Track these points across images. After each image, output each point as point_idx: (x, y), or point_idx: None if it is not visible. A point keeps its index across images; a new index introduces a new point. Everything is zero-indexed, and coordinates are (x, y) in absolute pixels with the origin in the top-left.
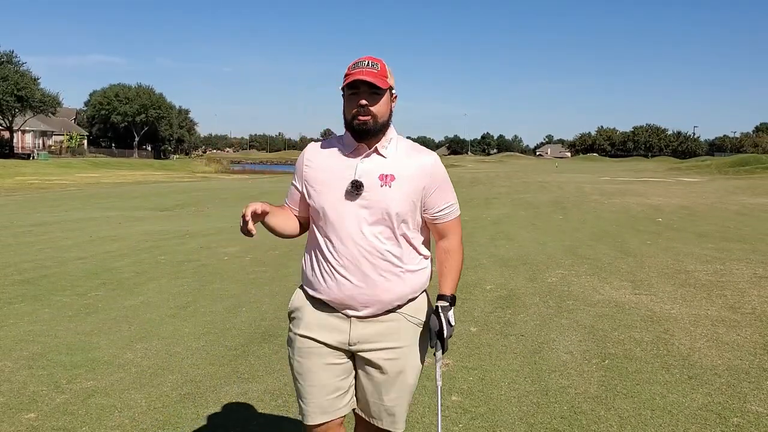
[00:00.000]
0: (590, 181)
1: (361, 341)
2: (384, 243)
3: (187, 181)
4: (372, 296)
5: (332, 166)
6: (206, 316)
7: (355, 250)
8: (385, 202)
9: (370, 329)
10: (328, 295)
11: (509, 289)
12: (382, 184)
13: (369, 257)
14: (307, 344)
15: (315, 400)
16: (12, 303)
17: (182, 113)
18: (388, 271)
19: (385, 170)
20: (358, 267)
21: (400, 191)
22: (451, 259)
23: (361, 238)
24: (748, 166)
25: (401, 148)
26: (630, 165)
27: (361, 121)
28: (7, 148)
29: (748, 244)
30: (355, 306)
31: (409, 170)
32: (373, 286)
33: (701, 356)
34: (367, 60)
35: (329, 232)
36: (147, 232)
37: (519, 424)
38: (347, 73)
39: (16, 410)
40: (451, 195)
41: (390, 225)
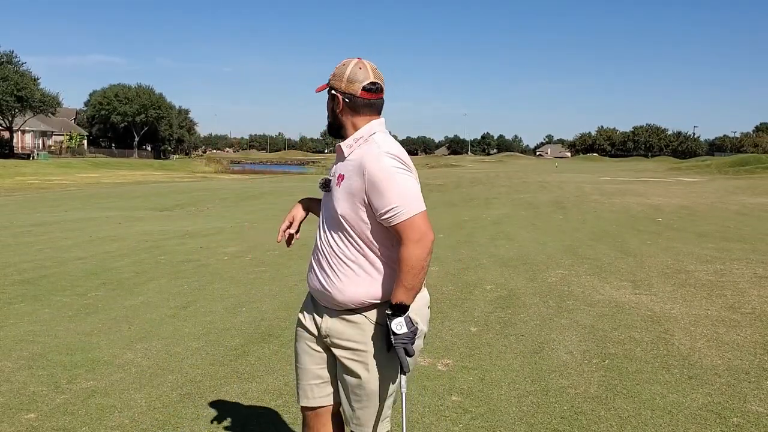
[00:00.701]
0: (590, 181)
1: (330, 335)
2: (338, 243)
3: (187, 181)
4: (327, 293)
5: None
6: (206, 316)
7: (320, 245)
8: (333, 203)
9: (338, 325)
10: (308, 284)
11: (509, 289)
12: (336, 183)
13: (327, 255)
14: (299, 328)
15: (301, 382)
16: (12, 303)
17: (182, 113)
18: (341, 272)
19: (342, 170)
20: (319, 263)
21: (344, 192)
22: (399, 267)
23: (323, 235)
24: (748, 166)
25: (361, 148)
26: (630, 165)
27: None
28: (7, 148)
29: (748, 244)
30: (321, 298)
31: (353, 171)
32: (330, 284)
33: (701, 356)
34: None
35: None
36: (147, 232)
37: (519, 424)
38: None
39: (16, 410)
40: (393, 197)
41: (340, 225)
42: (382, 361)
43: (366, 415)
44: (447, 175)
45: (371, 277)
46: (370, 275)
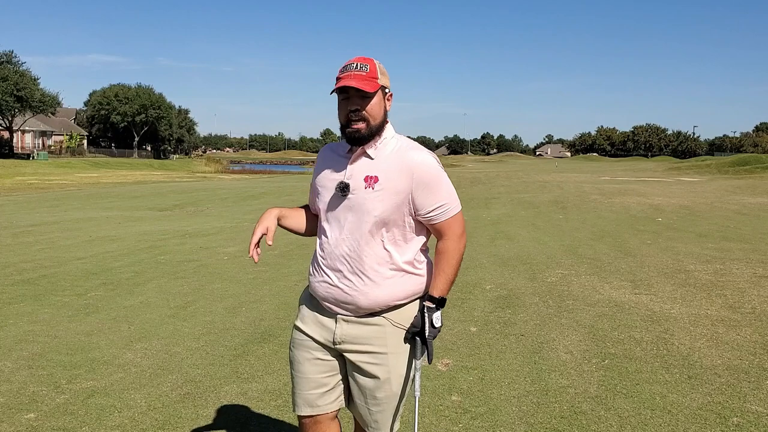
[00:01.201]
0: (590, 181)
1: (345, 341)
2: (364, 246)
3: (187, 181)
4: (350, 298)
5: (330, 167)
6: (206, 316)
7: (338, 251)
8: (367, 204)
9: (355, 330)
10: (316, 292)
11: (509, 288)
12: (366, 186)
13: (348, 259)
14: (299, 337)
15: (301, 391)
16: (12, 303)
17: (182, 113)
18: (367, 277)
19: (371, 172)
20: (338, 268)
21: (382, 193)
22: (443, 261)
23: (344, 239)
24: (748, 166)
25: (393, 149)
26: (630, 165)
27: (354, 129)
28: (6, 148)
29: (748, 243)
30: (337, 305)
31: (394, 171)
32: (352, 289)
33: (701, 356)
34: (356, 62)
35: (322, 232)
36: (146, 232)
37: (519, 424)
38: (337, 76)
39: (16, 410)
40: (443, 195)
41: (371, 228)
42: (400, 362)
43: (385, 417)
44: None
45: (399, 279)
46: (397, 277)
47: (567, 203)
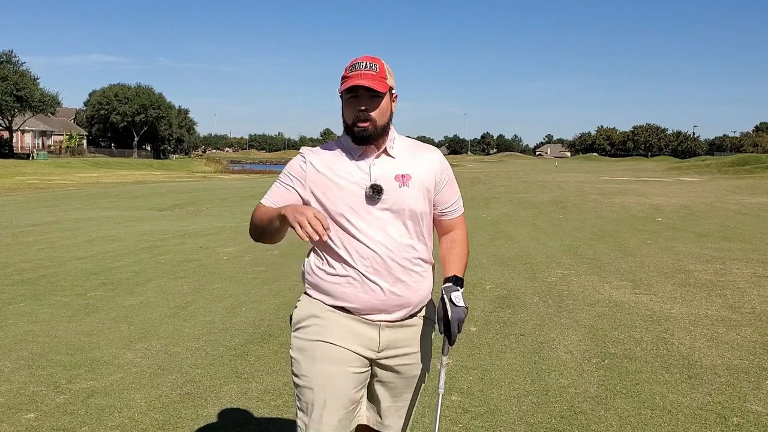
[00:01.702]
0: (590, 181)
1: (388, 347)
2: (409, 244)
3: (187, 180)
4: (404, 299)
5: (343, 170)
6: (206, 316)
7: (384, 254)
8: (407, 202)
9: (398, 334)
10: (357, 302)
11: (509, 288)
12: (401, 184)
13: (398, 260)
14: (331, 351)
15: (332, 413)
16: (12, 303)
17: (182, 113)
18: (415, 272)
19: (400, 170)
20: (389, 271)
21: (418, 190)
22: (459, 247)
23: (389, 241)
24: (748, 166)
25: (406, 147)
26: (630, 164)
27: (361, 128)
28: (6, 148)
29: (748, 243)
30: (387, 310)
31: (422, 168)
32: (405, 288)
33: (701, 356)
34: (364, 61)
35: (351, 238)
36: (146, 232)
37: (519, 424)
38: (345, 75)
39: (16, 410)
40: (457, 191)
41: (413, 226)
42: (428, 356)
43: (408, 414)
44: None
45: (429, 273)
46: (429, 271)
47: (567, 203)
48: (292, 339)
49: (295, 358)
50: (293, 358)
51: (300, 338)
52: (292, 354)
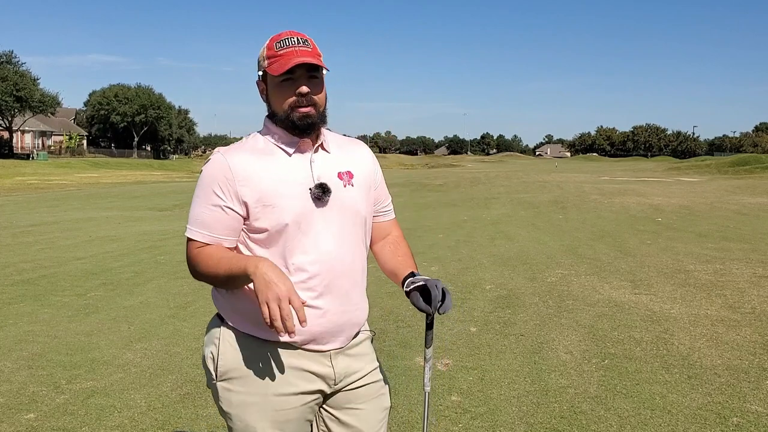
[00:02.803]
0: (590, 181)
1: (345, 375)
2: (356, 253)
3: (187, 181)
4: (354, 318)
5: (279, 171)
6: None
7: (333, 268)
8: (354, 204)
9: (349, 358)
10: (305, 333)
11: (509, 288)
12: (345, 183)
13: (348, 273)
14: (300, 402)
15: None
16: (12, 303)
17: (182, 113)
18: (360, 286)
19: (340, 167)
20: (339, 288)
21: (362, 189)
22: (404, 246)
23: (337, 251)
24: (748, 166)
25: (333, 140)
26: (630, 165)
27: (303, 113)
28: (6, 149)
29: (748, 243)
30: (338, 335)
31: (360, 164)
32: (354, 306)
33: (701, 356)
34: (295, 36)
35: (293, 254)
36: (146, 232)
37: (519, 424)
38: (273, 55)
39: (16, 410)
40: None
41: (359, 231)
42: (382, 370)
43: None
44: (447, 175)
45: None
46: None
47: (567, 203)
48: (222, 391)
49: (236, 416)
50: (230, 414)
51: (237, 392)
52: (226, 409)
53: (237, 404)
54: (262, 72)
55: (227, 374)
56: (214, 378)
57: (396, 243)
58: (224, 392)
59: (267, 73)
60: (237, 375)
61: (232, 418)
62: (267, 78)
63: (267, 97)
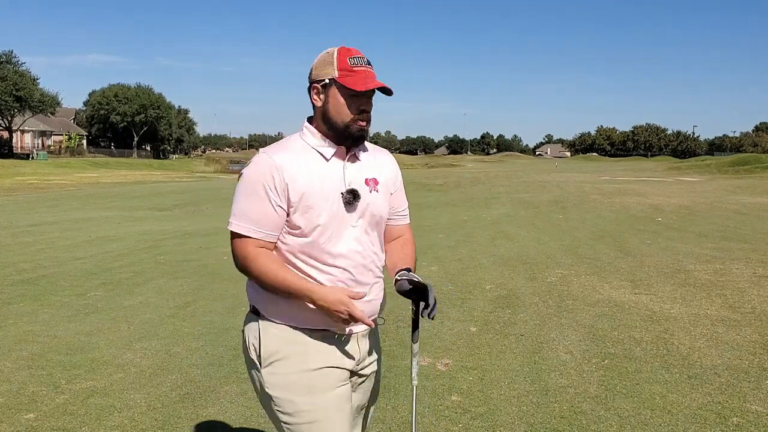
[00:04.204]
0: (590, 181)
1: (364, 357)
2: (377, 251)
3: (187, 181)
4: (375, 307)
5: (317, 174)
6: (206, 316)
7: (358, 265)
8: (378, 208)
9: (368, 342)
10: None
11: (509, 288)
12: (371, 189)
13: (371, 268)
14: (334, 376)
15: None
16: (11, 303)
17: (181, 113)
18: (379, 278)
19: (368, 174)
20: (364, 280)
21: (384, 195)
22: (410, 247)
23: (363, 248)
24: (748, 166)
25: (364, 148)
26: (630, 164)
27: (361, 127)
28: (6, 148)
29: (748, 243)
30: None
31: (384, 171)
32: (375, 296)
33: (701, 356)
34: (363, 57)
35: (326, 250)
36: (146, 231)
37: (519, 424)
38: (349, 69)
39: (15, 410)
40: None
41: (379, 232)
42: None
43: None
44: (447, 174)
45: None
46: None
47: (567, 203)
48: (266, 376)
49: (279, 396)
50: (275, 397)
51: (280, 373)
52: (271, 392)
53: (282, 385)
54: (328, 79)
55: (269, 359)
56: (258, 366)
57: (404, 243)
58: (269, 377)
59: (335, 83)
60: (278, 358)
61: (277, 400)
62: (333, 86)
63: (324, 103)
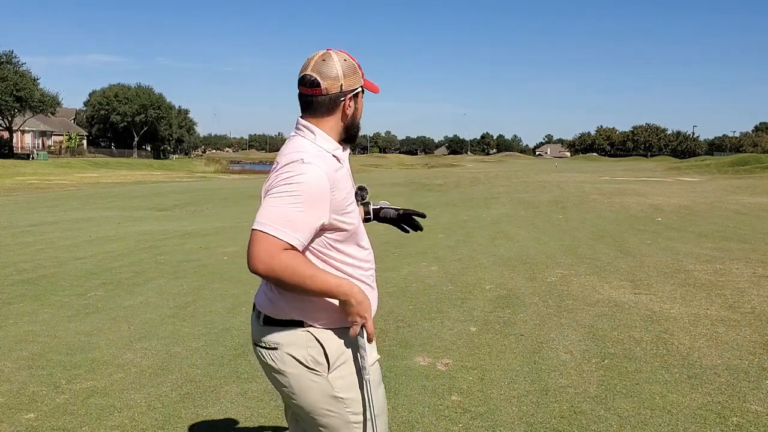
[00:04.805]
0: (590, 181)
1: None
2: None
3: (187, 181)
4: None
5: (345, 178)
6: (206, 316)
7: (373, 259)
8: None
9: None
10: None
11: (509, 288)
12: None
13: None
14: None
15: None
16: (12, 303)
17: (181, 113)
18: None
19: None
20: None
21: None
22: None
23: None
24: (748, 166)
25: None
26: (629, 165)
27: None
28: (6, 149)
29: (748, 243)
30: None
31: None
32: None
33: (701, 356)
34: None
35: (359, 249)
36: (146, 232)
37: (518, 424)
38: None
39: (15, 410)
40: None
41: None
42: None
43: None
44: (446, 174)
45: None
46: None
47: (567, 203)
48: (336, 381)
49: (351, 397)
50: (347, 399)
51: (347, 374)
52: (344, 395)
53: (351, 385)
54: (360, 87)
55: (336, 363)
56: (324, 373)
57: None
58: (338, 381)
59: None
60: (343, 360)
61: (349, 401)
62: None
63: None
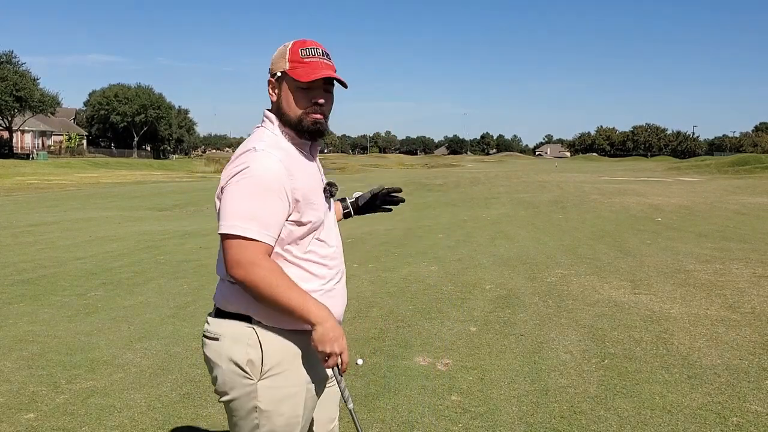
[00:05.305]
0: (590, 181)
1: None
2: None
3: (187, 181)
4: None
5: (309, 170)
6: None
7: (341, 257)
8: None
9: None
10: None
11: (509, 288)
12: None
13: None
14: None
15: None
16: (11, 303)
17: (181, 113)
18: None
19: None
20: (343, 273)
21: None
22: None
23: (340, 244)
24: (748, 166)
25: None
26: (629, 165)
27: (315, 119)
28: (6, 148)
29: (748, 243)
30: (340, 317)
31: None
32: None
33: (701, 356)
34: (319, 48)
35: (322, 245)
36: (146, 231)
37: (518, 424)
38: (299, 60)
39: (15, 410)
40: None
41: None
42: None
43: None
44: (446, 175)
45: None
46: None
47: (567, 203)
48: (262, 390)
49: (276, 410)
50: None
51: (277, 386)
52: (267, 407)
53: (281, 398)
54: (280, 72)
55: (270, 371)
56: (254, 378)
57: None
58: (266, 390)
59: (286, 75)
60: (280, 370)
61: (273, 415)
62: (284, 80)
63: (278, 97)
